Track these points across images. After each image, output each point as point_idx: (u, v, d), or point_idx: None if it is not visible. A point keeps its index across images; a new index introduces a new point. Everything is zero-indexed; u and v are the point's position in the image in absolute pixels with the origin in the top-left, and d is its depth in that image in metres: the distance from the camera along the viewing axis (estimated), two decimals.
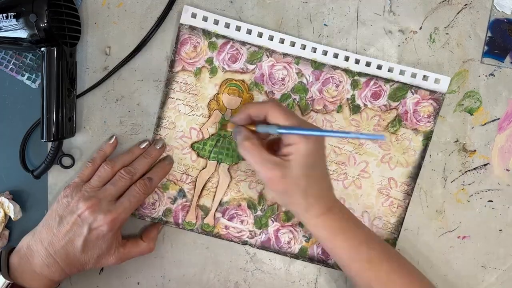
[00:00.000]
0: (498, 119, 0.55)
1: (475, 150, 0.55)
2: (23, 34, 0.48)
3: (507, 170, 0.55)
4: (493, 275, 0.56)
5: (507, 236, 0.56)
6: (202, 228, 0.55)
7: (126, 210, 0.48)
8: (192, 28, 0.53)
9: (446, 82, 0.53)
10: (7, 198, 0.53)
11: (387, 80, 0.53)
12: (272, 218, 0.54)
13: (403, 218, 0.54)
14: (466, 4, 0.54)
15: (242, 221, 0.55)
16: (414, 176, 0.54)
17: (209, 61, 0.53)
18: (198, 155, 0.54)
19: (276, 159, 0.45)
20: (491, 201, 0.55)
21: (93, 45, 0.54)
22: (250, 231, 0.55)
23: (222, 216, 0.55)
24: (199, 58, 0.53)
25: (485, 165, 0.55)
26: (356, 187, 0.54)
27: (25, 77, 0.53)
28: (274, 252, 0.55)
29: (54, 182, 0.54)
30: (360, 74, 0.53)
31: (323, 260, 0.55)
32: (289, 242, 0.55)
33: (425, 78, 0.53)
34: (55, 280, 0.48)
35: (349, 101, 0.53)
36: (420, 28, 0.54)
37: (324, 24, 0.53)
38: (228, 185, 0.54)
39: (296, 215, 0.51)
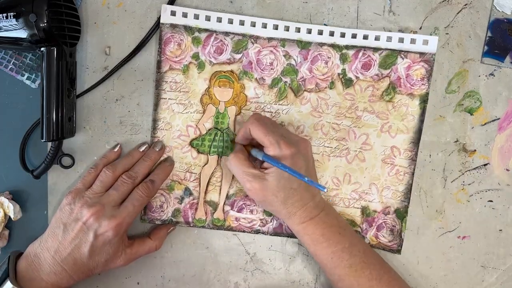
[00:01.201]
0: (498, 119, 0.55)
1: (475, 150, 0.55)
2: (23, 34, 0.48)
3: (507, 170, 0.55)
4: (493, 275, 0.56)
5: (507, 236, 0.56)
6: (213, 223, 0.55)
7: (130, 214, 0.48)
8: (173, 26, 0.53)
9: (434, 42, 0.53)
10: (7, 198, 0.53)
11: (375, 49, 0.53)
12: None
13: (411, 184, 0.54)
14: (466, 4, 0.54)
15: (251, 211, 0.55)
16: (416, 141, 0.54)
17: (195, 56, 0.53)
18: (198, 152, 0.54)
19: (255, 172, 0.48)
20: (491, 201, 0.55)
21: (93, 45, 0.53)
22: (260, 219, 0.55)
23: (231, 209, 0.55)
24: (184, 55, 0.53)
25: (485, 165, 0.55)
26: (359, 161, 0.54)
27: (25, 77, 0.53)
28: (288, 237, 0.55)
29: (54, 182, 0.54)
30: (347, 47, 0.53)
31: None
32: None
33: (413, 41, 0.53)
34: (63, 287, 0.48)
35: (341, 76, 0.53)
36: (420, 28, 0.54)
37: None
38: (233, 177, 0.54)
39: (283, 221, 0.53)
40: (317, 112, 0.54)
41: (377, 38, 0.53)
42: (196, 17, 0.52)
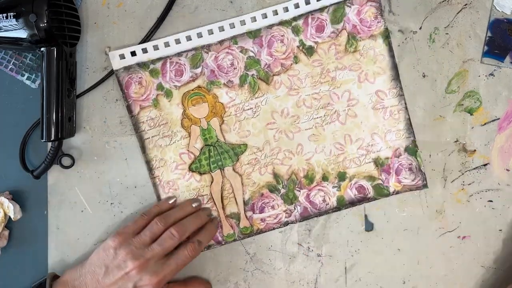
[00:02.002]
0: (498, 119, 0.55)
1: (475, 150, 0.55)
2: (23, 34, 0.48)
3: (507, 170, 0.55)
4: (493, 275, 0.56)
5: (507, 236, 0.56)
6: (242, 233, 0.55)
7: (172, 272, 0.49)
8: (127, 68, 0.53)
9: None
10: (7, 198, 0.53)
11: (321, 9, 0.53)
12: (297, 188, 0.54)
13: (409, 118, 0.54)
14: (466, 4, 0.54)
15: (272, 207, 0.55)
16: (396, 76, 0.54)
17: (160, 87, 0.53)
18: (200, 173, 0.54)
19: None
20: (491, 201, 0.55)
21: (93, 45, 0.54)
22: (284, 211, 0.55)
23: (253, 213, 0.55)
24: (149, 90, 0.53)
25: (485, 165, 0.55)
26: (352, 118, 0.54)
27: (25, 77, 0.53)
28: (318, 215, 0.55)
29: (54, 182, 0.54)
30: (295, 18, 0.53)
31: (362, 198, 0.54)
32: (324, 200, 0.55)
33: None
34: None
35: (300, 48, 0.53)
36: (420, 28, 0.54)
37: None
38: (242, 183, 0.54)
39: None
40: (293, 90, 0.54)
41: None
42: (145, 50, 0.53)
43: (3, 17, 0.47)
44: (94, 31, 0.53)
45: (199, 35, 0.53)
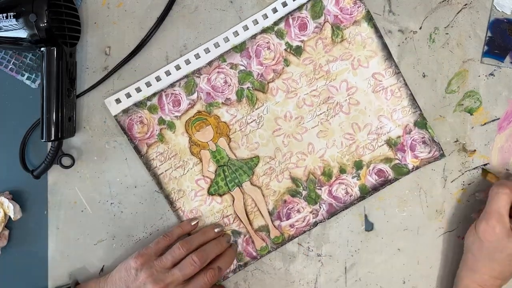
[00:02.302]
0: (498, 119, 0.55)
1: (475, 150, 0.55)
2: (23, 34, 0.48)
3: (507, 170, 0.55)
4: None
5: None
6: (275, 243, 0.55)
7: None
8: (125, 111, 0.53)
9: None
10: (7, 198, 0.53)
11: (299, 8, 0.53)
12: (318, 187, 0.54)
13: (411, 93, 0.54)
14: (466, 4, 0.54)
15: (298, 211, 0.55)
16: (388, 56, 0.54)
17: (161, 121, 0.54)
18: (220, 195, 0.54)
19: (507, 221, 0.47)
20: None
21: (93, 45, 0.54)
22: (310, 212, 0.55)
23: (281, 221, 0.55)
24: (151, 127, 0.54)
25: (485, 165, 0.55)
26: (355, 106, 0.54)
27: (25, 77, 0.53)
28: (344, 209, 0.54)
29: (54, 182, 0.54)
30: (276, 23, 0.53)
31: (383, 182, 0.54)
32: (347, 193, 0.54)
33: None
34: None
35: (288, 50, 0.53)
36: (420, 28, 0.54)
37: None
38: (263, 195, 0.54)
39: (463, 265, 0.51)
40: (291, 93, 0.54)
41: None
42: (138, 89, 0.53)
43: (3, 17, 0.47)
44: (94, 31, 0.53)
45: (187, 62, 0.53)
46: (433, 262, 0.56)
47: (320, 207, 0.55)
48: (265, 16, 0.53)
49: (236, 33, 0.53)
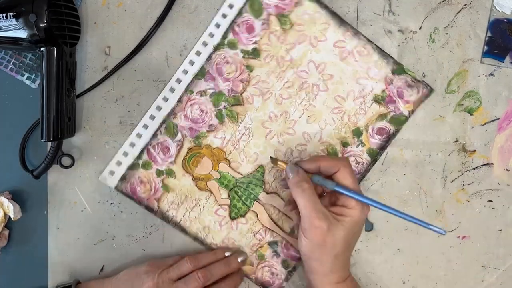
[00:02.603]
0: (498, 119, 0.55)
1: (475, 150, 0.55)
2: (23, 34, 0.48)
3: (507, 170, 0.55)
4: (493, 275, 0.56)
5: (507, 236, 0.56)
6: None
7: None
8: (122, 178, 0.54)
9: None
10: (7, 198, 0.53)
11: (239, 13, 0.53)
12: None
13: (377, 46, 0.53)
14: (466, 4, 0.54)
15: (320, 196, 0.53)
16: (341, 21, 0.53)
17: (159, 173, 0.54)
18: (242, 216, 0.55)
19: (327, 213, 0.46)
20: (491, 201, 0.55)
21: (93, 45, 0.54)
22: None
23: None
24: (153, 182, 0.54)
25: (485, 165, 0.55)
26: (330, 80, 0.54)
27: (25, 77, 0.53)
28: (362, 178, 0.54)
29: (53, 182, 0.54)
30: (224, 36, 0.53)
31: (388, 137, 0.54)
32: (357, 162, 0.54)
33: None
34: None
35: (246, 56, 0.53)
36: (420, 28, 0.54)
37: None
38: (282, 198, 0.54)
39: (311, 274, 0.48)
40: (266, 94, 0.54)
41: (231, 6, 0.53)
42: (125, 154, 0.54)
43: (3, 17, 0.47)
44: (94, 31, 0.53)
45: (159, 108, 0.53)
46: (433, 262, 0.56)
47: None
48: (211, 35, 0.53)
49: (191, 62, 0.53)
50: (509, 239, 0.56)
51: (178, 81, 0.53)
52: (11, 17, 0.47)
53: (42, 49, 0.49)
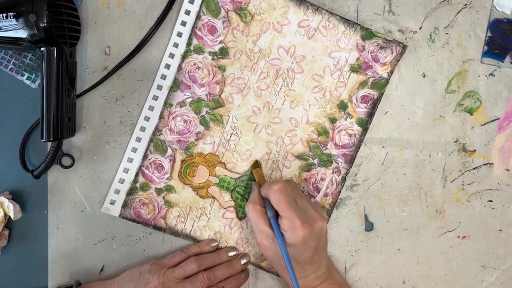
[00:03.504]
0: (498, 119, 0.55)
1: (475, 150, 0.55)
2: (23, 34, 0.48)
3: (507, 170, 0.55)
4: (493, 275, 0.56)
5: (507, 236, 0.56)
6: None
7: None
8: (124, 205, 0.54)
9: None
10: (7, 198, 0.53)
11: (197, 17, 0.53)
12: (323, 148, 0.55)
13: (340, 17, 0.53)
14: (466, 4, 0.54)
15: (322, 179, 0.55)
16: (299, 1, 0.53)
17: (158, 191, 0.54)
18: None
19: (269, 232, 0.49)
20: (491, 201, 0.55)
21: (93, 45, 0.54)
22: (332, 172, 0.55)
23: (314, 198, 0.55)
24: (155, 201, 0.54)
25: (485, 165, 0.55)
26: (302, 61, 0.53)
27: (25, 77, 0.53)
28: (358, 150, 0.54)
29: (54, 182, 0.54)
30: (188, 43, 0.53)
31: (373, 104, 0.54)
32: (349, 135, 0.54)
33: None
34: None
35: (215, 57, 0.53)
36: (420, 28, 0.54)
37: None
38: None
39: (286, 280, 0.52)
40: (244, 90, 0.54)
41: (187, 12, 0.53)
42: (121, 180, 0.54)
43: (3, 17, 0.47)
44: (94, 31, 0.53)
45: (142, 129, 0.53)
46: (433, 262, 0.56)
47: (337, 163, 0.55)
48: (176, 45, 0.53)
49: (163, 76, 0.53)
50: (509, 239, 0.56)
51: (155, 98, 0.53)
52: (11, 17, 0.47)
53: (42, 49, 0.49)
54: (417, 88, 0.54)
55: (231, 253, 0.54)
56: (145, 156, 0.54)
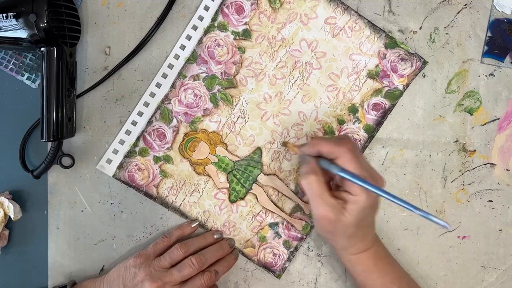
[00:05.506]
0: (498, 119, 0.55)
1: (475, 150, 0.55)
2: (23, 34, 0.48)
3: (507, 170, 0.55)
4: (493, 275, 0.56)
5: (507, 236, 0.56)
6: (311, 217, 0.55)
7: None
8: (120, 166, 0.54)
9: None
10: (7, 198, 0.53)
11: None
12: None
13: (368, 21, 0.53)
14: (466, 4, 0.54)
15: None
16: None
17: (156, 159, 0.54)
18: (242, 198, 0.55)
19: (334, 203, 0.45)
20: (491, 201, 0.55)
21: (93, 45, 0.54)
22: None
23: None
24: (151, 168, 0.54)
25: (485, 165, 0.55)
26: (322, 58, 0.53)
27: (25, 77, 0.53)
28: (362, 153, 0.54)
29: (54, 182, 0.54)
30: (213, 19, 0.53)
31: (384, 113, 0.54)
32: (355, 139, 0.54)
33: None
34: None
35: (237, 37, 0.53)
36: (420, 28, 0.54)
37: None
38: (281, 179, 0.55)
39: (334, 249, 0.52)
40: (259, 75, 0.54)
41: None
42: (122, 141, 0.54)
43: (3, 17, 0.47)
44: (94, 31, 0.53)
45: (152, 95, 0.53)
46: (433, 262, 0.56)
47: None
48: (201, 18, 0.53)
49: (182, 46, 0.53)
50: (509, 239, 0.56)
51: (170, 66, 0.53)
52: (11, 17, 0.47)
53: (42, 49, 0.49)
54: (417, 88, 0.54)
55: (216, 235, 0.54)
56: (149, 122, 0.53)
